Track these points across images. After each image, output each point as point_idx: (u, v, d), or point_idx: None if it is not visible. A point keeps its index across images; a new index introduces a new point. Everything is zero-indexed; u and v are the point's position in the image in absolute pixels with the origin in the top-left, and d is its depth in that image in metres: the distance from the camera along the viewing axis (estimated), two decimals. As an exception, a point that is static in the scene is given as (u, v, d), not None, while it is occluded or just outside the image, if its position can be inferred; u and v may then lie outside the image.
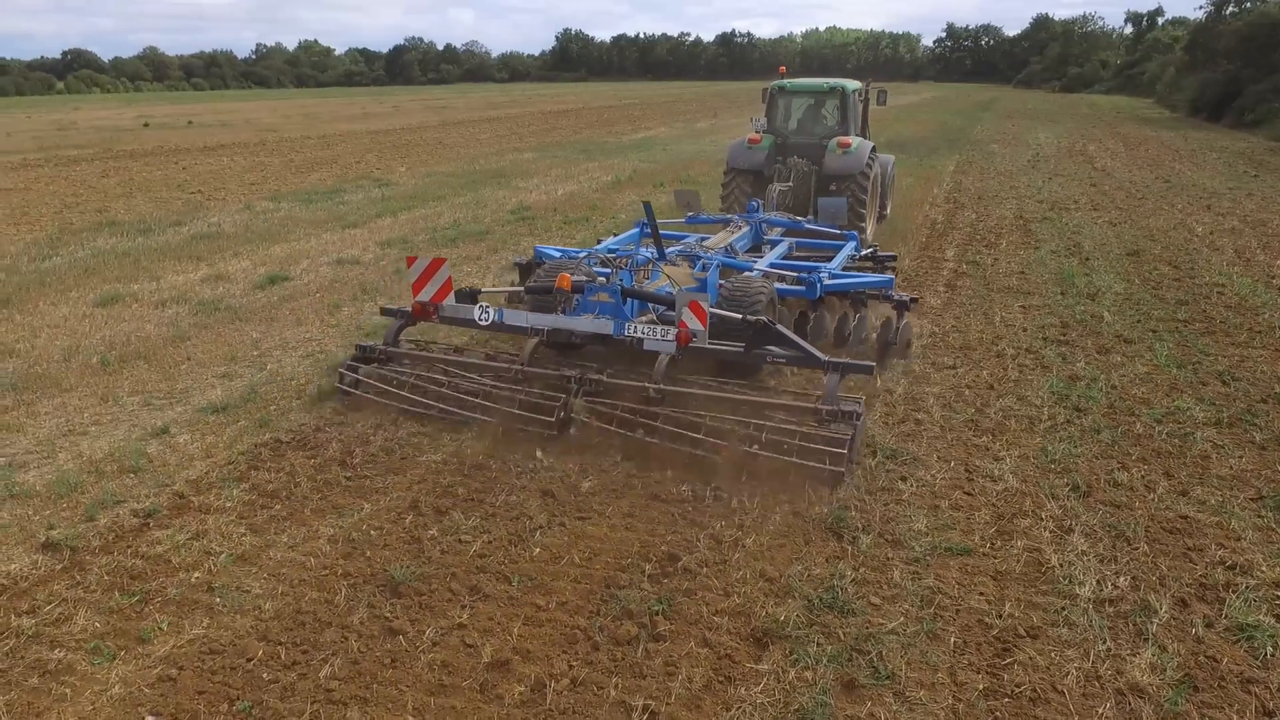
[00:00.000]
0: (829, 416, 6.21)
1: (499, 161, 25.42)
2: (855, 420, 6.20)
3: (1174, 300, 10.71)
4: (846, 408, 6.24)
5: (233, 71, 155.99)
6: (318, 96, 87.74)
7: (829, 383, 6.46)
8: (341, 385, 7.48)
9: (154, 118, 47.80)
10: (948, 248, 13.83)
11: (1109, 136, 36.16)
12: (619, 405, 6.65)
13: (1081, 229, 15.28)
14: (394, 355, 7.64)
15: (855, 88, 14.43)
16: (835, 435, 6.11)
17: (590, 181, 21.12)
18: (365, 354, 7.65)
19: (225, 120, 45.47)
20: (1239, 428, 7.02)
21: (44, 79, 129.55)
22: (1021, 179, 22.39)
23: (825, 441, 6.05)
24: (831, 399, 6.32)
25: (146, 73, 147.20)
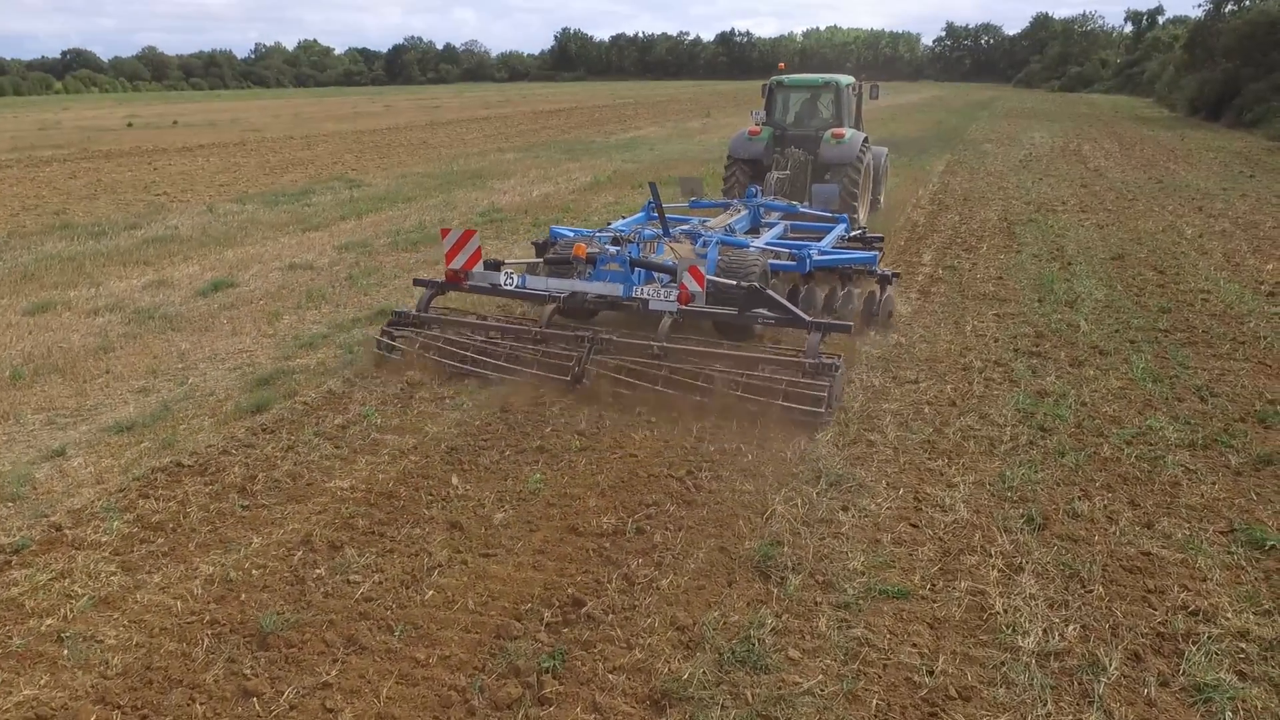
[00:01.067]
0: (811, 369, 7.08)
1: (479, 162, 24.94)
2: (834, 372, 7.01)
3: (1156, 308, 10.21)
4: (827, 361, 7.10)
5: (232, 71, 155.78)
6: (313, 96, 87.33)
7: (811, 340, 7.32)
8: (379, 346, 8.23)
9: (141, 118, 47.38)
10: (926, 251, 13.33)
11: (1105, 136, 35.63)
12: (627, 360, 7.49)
13: (1067, 232, 14.78)
14: (426, 320, 8.38)
15: (849, 83, 15.18)
16: (816, 384, 6.92)
17: (568, 183, 20.64)
18: (400, 319, 8.44)
19: (212, 120, 45.02)
20: (1214, 450, 6.53)
21: (42, 79, 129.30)
22: (1011, 179, 21.89)
23: (807, 389, 6.90)
24: (813, 354, 7.18)
25: (145, 73, 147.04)
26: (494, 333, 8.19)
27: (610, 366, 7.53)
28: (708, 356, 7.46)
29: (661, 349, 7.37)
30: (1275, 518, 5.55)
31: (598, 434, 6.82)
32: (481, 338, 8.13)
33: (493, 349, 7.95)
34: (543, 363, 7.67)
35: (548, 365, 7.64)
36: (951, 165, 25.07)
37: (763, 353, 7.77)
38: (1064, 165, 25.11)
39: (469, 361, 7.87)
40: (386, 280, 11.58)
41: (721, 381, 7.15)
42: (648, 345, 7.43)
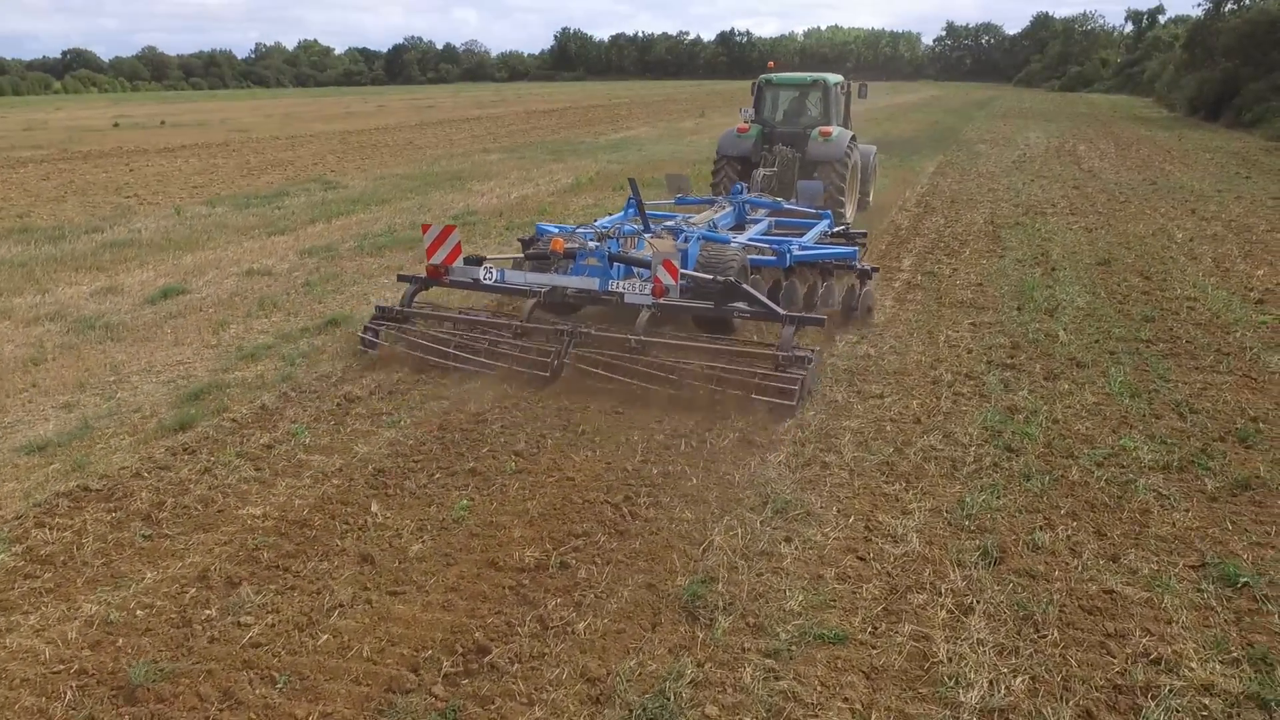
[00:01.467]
0: (785, 361, 7.24)
1: (463, 163, 24.55)
2: (807, 364, 7.22)
3: (1139, 316, 9.80)
4: (800, 353, 7.30)
5: (232, 71, 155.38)
6: (310, 96, 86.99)
7: (784, 333, 7.45)
8: (363, 337, 8.37)
9: (132, 117, 47.03)
10: (906, 256, 12.93)
11: (1101, 136, 35.20)
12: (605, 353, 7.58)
13: (1054, 235, 14.38)
14: (409, 315, 8.46)
15: (837, 81, 15.35)
16: (789, 376, 7.12)
17: (550, 184, 20.24)
18: (384, 314, 8.51)
19: (202, 120, 44.66)
20: (1189, 473, 6.13)
21: (41, 79, 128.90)
22: (1002, 181, 21.48)
23: (780, 381, 7.10)
24: (786, 346, 7.33)
25: (145, 72, 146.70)
26: (475, 327, 8.24)
27: (589, 360, 7.62)
28: (684, 350, 7.59)
29: (639, 342, 7.47)
30: (1250, 549, 5.16)
31: (536, 454, 6.43)
32: (462, 332, 8.20)
33: (474, 343, 8.03)
34: (522, 357, 7.75)
35: (527, 359, 7.74)
36: (943, 166, 24.66)
37: (738, 345, 7.90)
38: (1057, 166, 24.69)
39: (449, 356, 7.97)
40: (345, 286, 11.20)
41: (696, 374, 7.31)
42: (625, 339, 7.52)
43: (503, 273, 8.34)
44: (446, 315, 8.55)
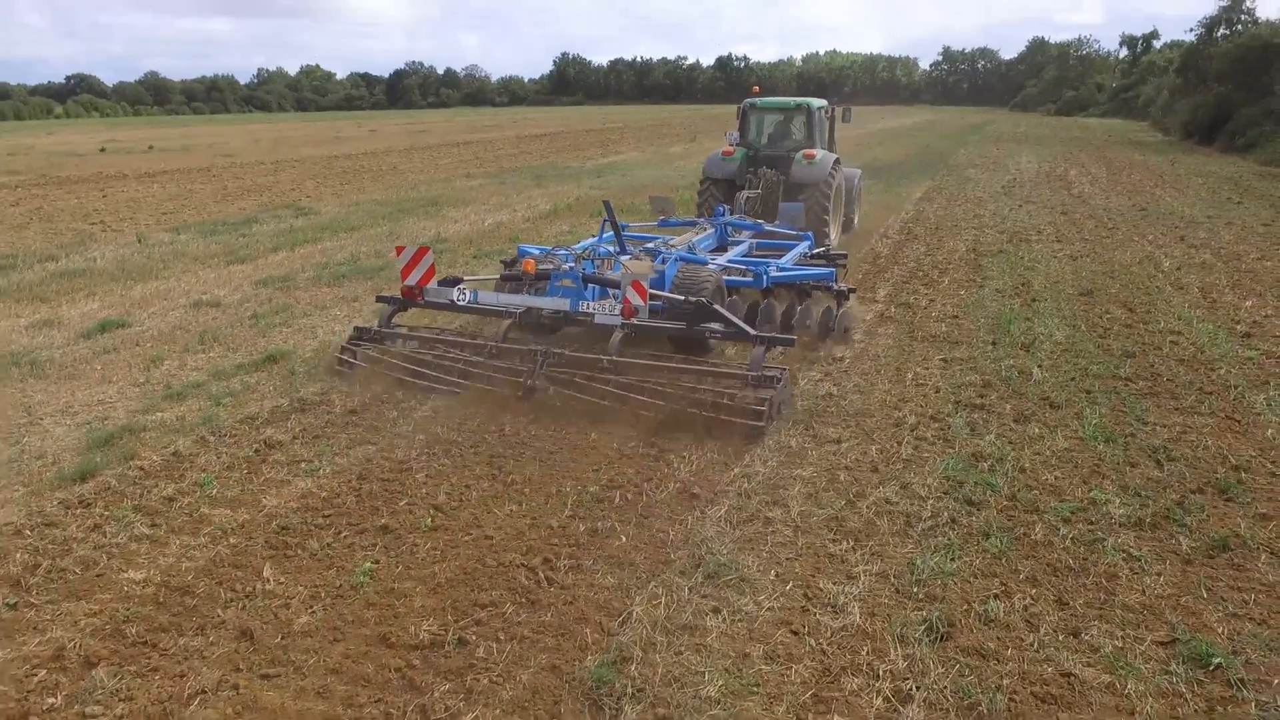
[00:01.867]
0: (755, 381, 7.28)
1: (443, 188, 24.18)
2: (776, 384, 7.23)
3: (1120, 352, 9.33)
4: (769, 374, 7.32)
5: (233, 96, 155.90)
6: (306, 121, 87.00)
7: (755, 353, 7.53)
8: (340, 358, 8.47)
9: (122, 142, 46.83)
10: (882, 286, 12.48)
11: (1093, 161, 34.91)
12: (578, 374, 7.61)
13: (1037, 264, 13.95)
14: (387, 335, 8.56)
15: (820, 105, 15.53)
16: (758, 396, 7.19)
17: (527, 210, 19.84)
18: (361, 334, 8.65)
19: (191, 145, 44.42)
20: (1163, 531, 5.63)
21: (44, 104, 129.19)
22: (989, 206, 21.09)
23: (749, 401, 7.16)
24: (757, 366, 7.38)
25: (147, 97, 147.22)
26: (451, 347, 8.31)
27: (562, 380, 7.65)
28: (656, 370, 7.59)
29: (611, 363, 7.53)
30: (1225, 621, 4.67)
31: (457, 508, 5.94)
32: (438, 352, 8.25)
33: (448, 363, 8.06)
34: (496, 376, 7.82)
35: (501, 379, 7.81)
36: (931, 192, 24.30)
37: (710, 366, 7.87)
38: (1047, 191, 24.33)
39: (423, 376, 8.02)
40: (293, 319, 10.74)
41: (667, 394, 7.32)
42: (598, 359, 7.60)
43: (476, 294, 8.43)
44: (423, 335, 8.63)
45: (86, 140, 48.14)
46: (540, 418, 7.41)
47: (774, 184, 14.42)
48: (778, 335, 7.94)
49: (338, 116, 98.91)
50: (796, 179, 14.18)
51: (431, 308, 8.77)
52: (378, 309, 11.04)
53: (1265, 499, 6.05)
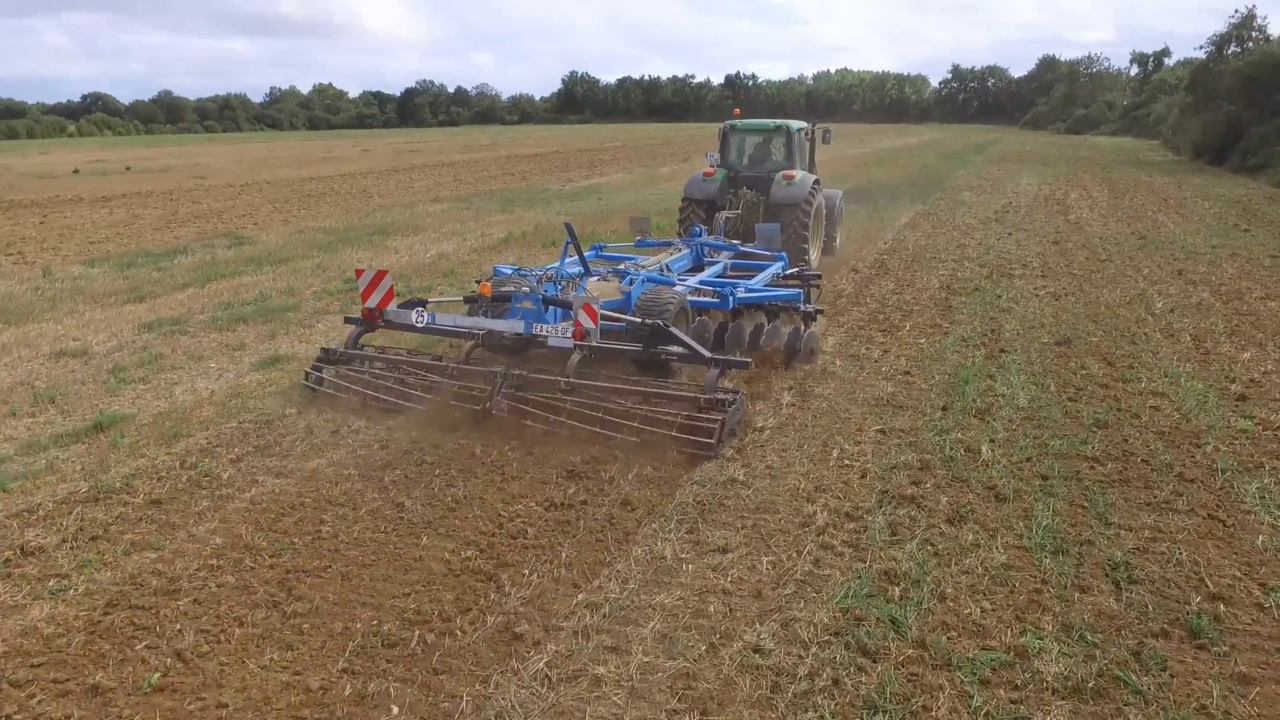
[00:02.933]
0: (706, 404, 7.37)
1: (402, 214, 22.99)
2: (727, 407, 7.32)
3: (1090, 420, 7.98)
4: (721, 396, 7.41)
5: (246, 115, 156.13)
6: (307, 140, 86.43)
7: (709, 375, 7.61)
8: (307, 382, 8.49)
9: (107, 162, 46.04)
10: (835, 332, 11.17)
11: (1097, 182, 33.53)
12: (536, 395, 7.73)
13: (1015, 305, 12.61)
14: (353, 357, 8.66)
15: (800, 127, 15.60)
16: (709, 418, 7.23)
17: (478, 239, 18.60)
18: (328, 356, 8.70)
19: (172, 165, 43.50)
20: (1108, 702, 4.29)
21: (57, 122, 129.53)
22: (976, 235, 19.75)
23: (701, 422, 7.22)
24: (710, 388, 7.46)
25: (161, 115, 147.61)
26: (414, 368, 8.44)
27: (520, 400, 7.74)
28: (613, 392, 7.67)
29: (569, 384, 7.60)
30: None
31: (204, 657, 4.64)
32: (401, 373, 8.41)
33: (410, 384, 8.20)
34: (457, 396, 7.90)
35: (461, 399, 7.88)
36: (918, 218, 22.97)
37: (666, 388, 7.91)
38: (1041, 217, 22.97)
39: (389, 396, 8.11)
40: (158, 374, 9.51)
41: (624, 414, 7.41)
42: (556, 381, 7.66)
43: (434, 316, 8.55)
44: (385, 357, 8.76)
45: (70, 161, 47.35)
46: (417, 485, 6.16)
47: (754, 205, 14.53)
48: (732, 359, 7.99)
49: (343, 135, 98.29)
50: (776, 200, 14.17)
51: (392, 328, 8.84)
52: (254, 362, 9.91)
53: (1247, 648, 4.70)
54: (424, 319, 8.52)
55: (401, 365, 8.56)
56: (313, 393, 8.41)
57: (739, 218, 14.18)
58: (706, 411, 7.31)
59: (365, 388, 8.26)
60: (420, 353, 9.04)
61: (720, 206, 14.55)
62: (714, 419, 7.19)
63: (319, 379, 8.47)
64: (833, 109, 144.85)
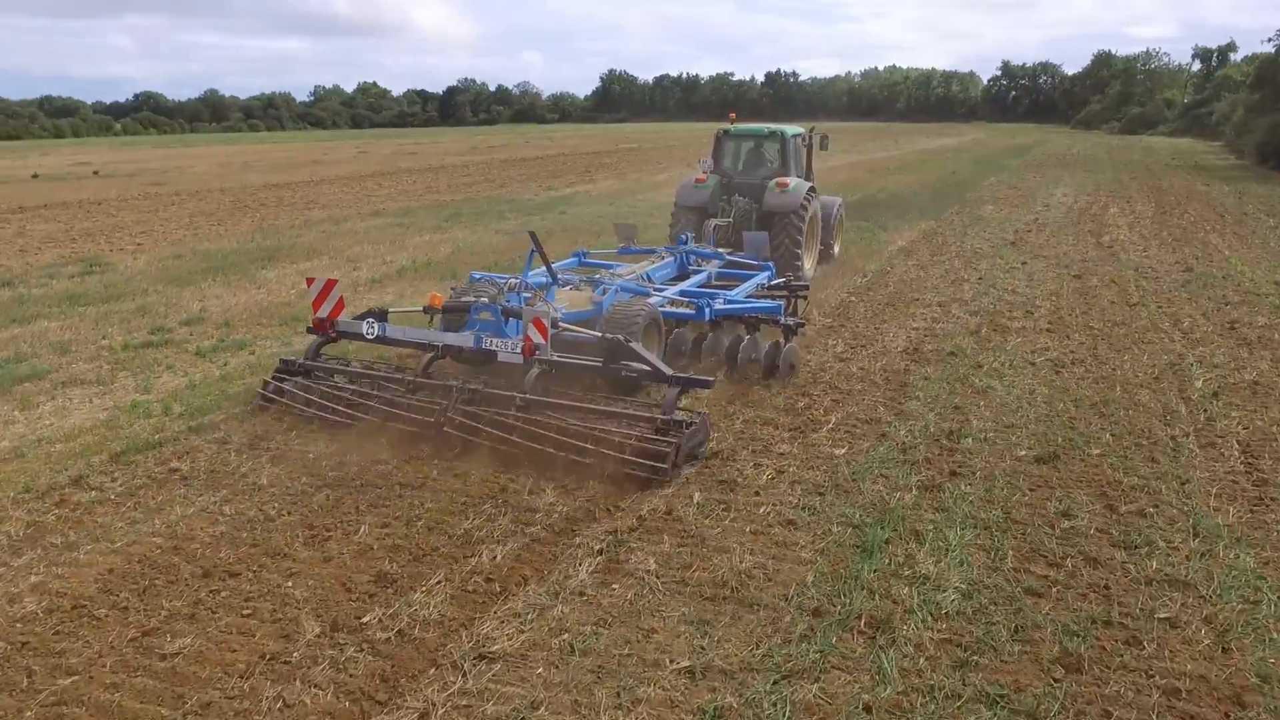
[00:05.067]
0: (662, 425, 6.99)
1: (319, 231, 20.04)
2: (684, 429, 6.95)
3: (1053, 654, 4.69)
4: (678, 418, 7.06)
5: (289, 113, 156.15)
6: (316, 141, 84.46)
7: (669, 395, 7.21)
8: (264, 393, 8.24)
9: (92, 164, 44.08)
10: (725, 429, 7.92)
11: (1143, 192, 29.62)
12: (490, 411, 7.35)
13: (996, 381, 9.27)
14: (312, 369, 8.36)
15: (796, 133, 15.10)
16: (664, 441, 6.84)
17: (373, 269, 15.55)
18: (286, 367, 8.45)
19: (147, 169, 41.28)
20: None
21: (104, 121, 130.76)
22: (983, 264, 16.30)
23: (655, 445, 6.83)
24: (668, 409, 7.09)
25: (205, 114, 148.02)
26: (370, 382, 8.16)
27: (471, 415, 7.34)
28: (567, 410, 7.34)
29: (524, 400, 7.33)
30: None
31: None
32: (358, 386, 8.07)
33: (366, 398, 7.86)
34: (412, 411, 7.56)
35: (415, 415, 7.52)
36: (920, 240, 19.52)
37: (624, 407, 7.49)
38: (1069, 239, 19.38)
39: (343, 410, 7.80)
40: None
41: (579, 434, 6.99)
42: (511, 397, 7.39)
43: (385, 328, 8.22)
44: (343, 369, 8.44)
45: (48, 165, 45.44)
46: None
47: (746, 213, 14.15)
48: (694, 378, 7.55)
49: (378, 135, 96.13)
50: (769, 207, 13.82)
51: (345, 338, 8.61)
52: None
53: None
54: (374, 330, 8.17)
55: (359, 378, 8.27)
56: (266, 406, 8.14)
57: (730, 226, 13.86)
58: (662, 434, 6.93)
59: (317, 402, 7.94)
60: (385, 364, 8.74)
61: (713, 214, 14.14)
62: (669, 442, 6.80)
63: (276, 389, 8.22)
64: (875, 108, 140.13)
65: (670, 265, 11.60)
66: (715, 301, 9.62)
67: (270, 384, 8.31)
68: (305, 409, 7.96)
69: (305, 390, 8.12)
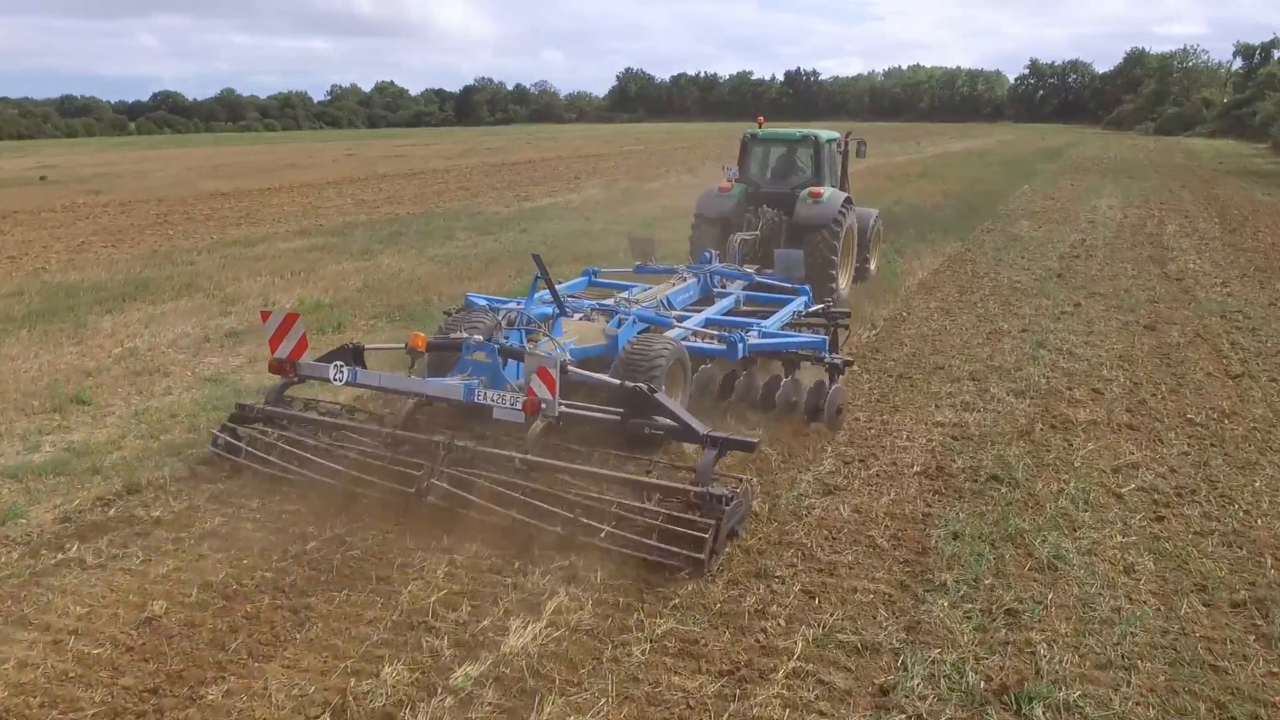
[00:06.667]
0: (698, 499, 5.65)
1: (219, 257, 16.60)
2: (724, 505, 5.57)
3: None
4: (716, 491, 5.64)
5: (306, 112, 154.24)
6: (324, 140, 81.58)
7: (703, 460, 5.92)
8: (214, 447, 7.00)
9: (56, 168, 41.26)
10: (606, 677, 4.56)
11: (1201, 204, 25.94)
12: None
13: (1066, 545, 5.87)
14: (273, 415, 7.08)
15: (830, 138, 13.95)
16: (701, 521, 5.51)
17: (245, 318, 12.21)
18: (245, 413, 7.20)
19: (104, 173, 38.26)
20: None
21: (118, 121, 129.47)
22: (1024, 307, 12.84)
23: (690, 526, 5.48)
24: (704, 478, 5.77)
25: (222, 114, 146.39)
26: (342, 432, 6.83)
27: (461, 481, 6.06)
28: (580, 476, 6.03)
29: (524, 462, 6.07)
30: None
31: None
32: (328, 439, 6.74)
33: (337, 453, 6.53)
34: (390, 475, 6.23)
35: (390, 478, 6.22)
36: (945, 268, 16.07)
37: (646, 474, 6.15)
38: (1128, 268, 15.89)
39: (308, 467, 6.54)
40: None
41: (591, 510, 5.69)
42: (510, 458, 6.12)
43: (355, 372, 6.81)
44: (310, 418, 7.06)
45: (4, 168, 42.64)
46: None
47: (775, 225, 12.90)
48: (733, 438, 6.10)
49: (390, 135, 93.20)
50: (800, 220, 12.52)
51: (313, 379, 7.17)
52: None
53: None
54: (343, 375, 6.75)
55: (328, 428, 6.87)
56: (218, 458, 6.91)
57: (757, 240, 12.61)
58: (698, 509, 5.57)
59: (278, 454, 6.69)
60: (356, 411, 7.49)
61: (738, 226, 12.80)
62: (705, 523, 5.42)
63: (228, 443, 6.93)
64: (898, 108, 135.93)
65: (692, 288, 10.42)
66: (749, 335, 8.18)
67: (219, 438, 7.04)
68: (264, 465, 6.71)
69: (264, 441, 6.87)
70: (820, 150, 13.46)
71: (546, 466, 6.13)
